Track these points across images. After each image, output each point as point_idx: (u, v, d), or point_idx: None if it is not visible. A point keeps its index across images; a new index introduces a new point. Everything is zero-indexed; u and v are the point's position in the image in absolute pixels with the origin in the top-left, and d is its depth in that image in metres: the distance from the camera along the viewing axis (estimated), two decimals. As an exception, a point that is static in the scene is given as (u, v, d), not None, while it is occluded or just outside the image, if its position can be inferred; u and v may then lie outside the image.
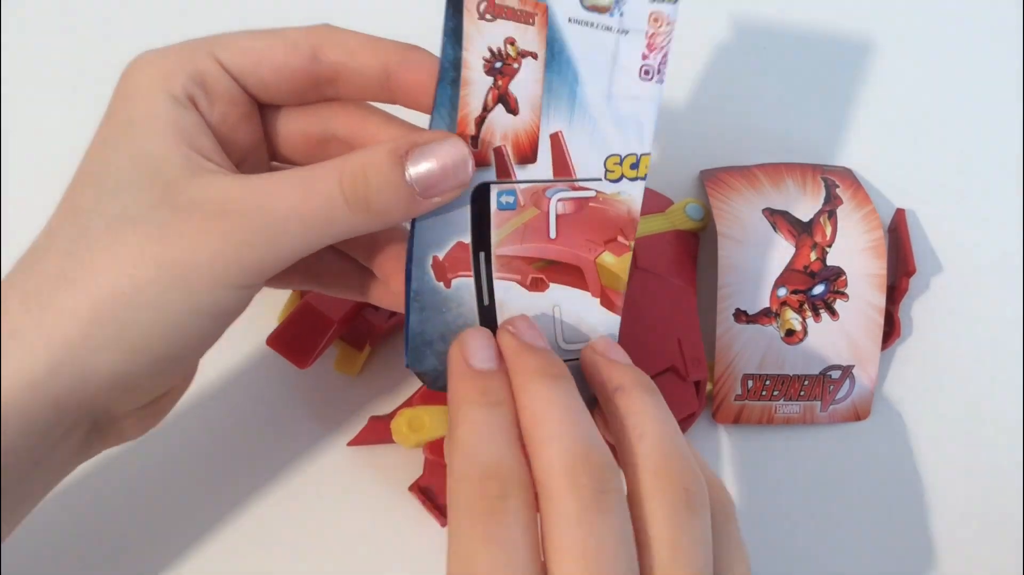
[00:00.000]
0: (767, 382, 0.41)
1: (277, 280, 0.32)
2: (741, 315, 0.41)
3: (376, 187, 0.26)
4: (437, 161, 0.26)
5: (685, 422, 0.40)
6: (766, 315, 0.42)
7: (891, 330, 0.43)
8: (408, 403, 0.38)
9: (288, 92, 0.28)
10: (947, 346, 0.45)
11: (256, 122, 0.29)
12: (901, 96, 0.52)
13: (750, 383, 0.41)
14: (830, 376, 0.42)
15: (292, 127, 0.30)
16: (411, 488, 0.38)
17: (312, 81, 0.28)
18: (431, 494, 0.38)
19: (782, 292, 0.42)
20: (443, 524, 0.38)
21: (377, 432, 0.39)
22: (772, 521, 0.40)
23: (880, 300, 0.42)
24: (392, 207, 0.26)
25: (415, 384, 0.39)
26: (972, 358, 0.45)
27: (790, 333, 0.42)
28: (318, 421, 0.40)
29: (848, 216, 0.43)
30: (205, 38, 0.27)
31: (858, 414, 0.42)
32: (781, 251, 0.42)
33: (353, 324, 0.40)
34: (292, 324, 0.38)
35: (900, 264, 0.44)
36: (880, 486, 0.41)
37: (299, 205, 0.25)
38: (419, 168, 0.26)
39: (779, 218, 0.43)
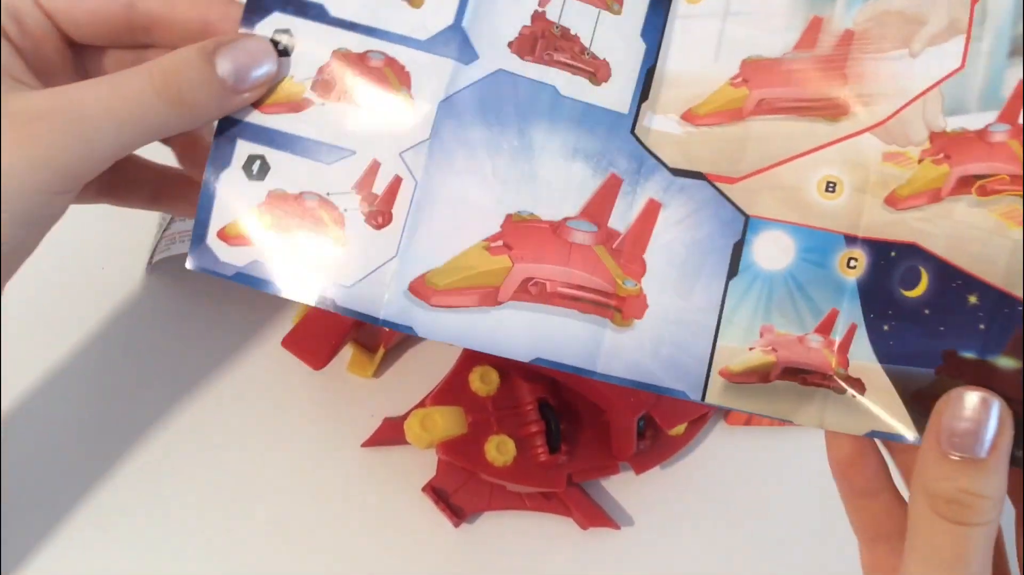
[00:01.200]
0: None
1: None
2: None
3: (188, 80, 0.27)
4: (244, 53, 0.27)
5: (696, 424, 0.40)
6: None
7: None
8: (421, 404, 0.39)
9: (102, 35, 0.29)
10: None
11: (68, 59, 0.30)
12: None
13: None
14: (843, 377, 0.42)
15: (107, 66, 0.31)
16: (425, 488, 0.38)
17: (127, 27, 0.29)
18: (444, 494, 0.38)
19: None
20: (456, 524, 0.38)
21: (391, 433, 0.39)
22: (785, 521, 0.40)
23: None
24: (204, 100, 0.27)
25: (428, 385, 0.40)
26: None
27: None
28: (332, 422, 0.40)
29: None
30: None
31: (871, 416, 0.42)
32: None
33: (367, 326, 0.40)
34: (307, 326, 0.39)
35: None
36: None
37: (110, 103, 0.26)
38: (227, 60, 0.27)
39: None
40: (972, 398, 0.24)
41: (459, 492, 0.38)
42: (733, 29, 0.28)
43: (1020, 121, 0.27)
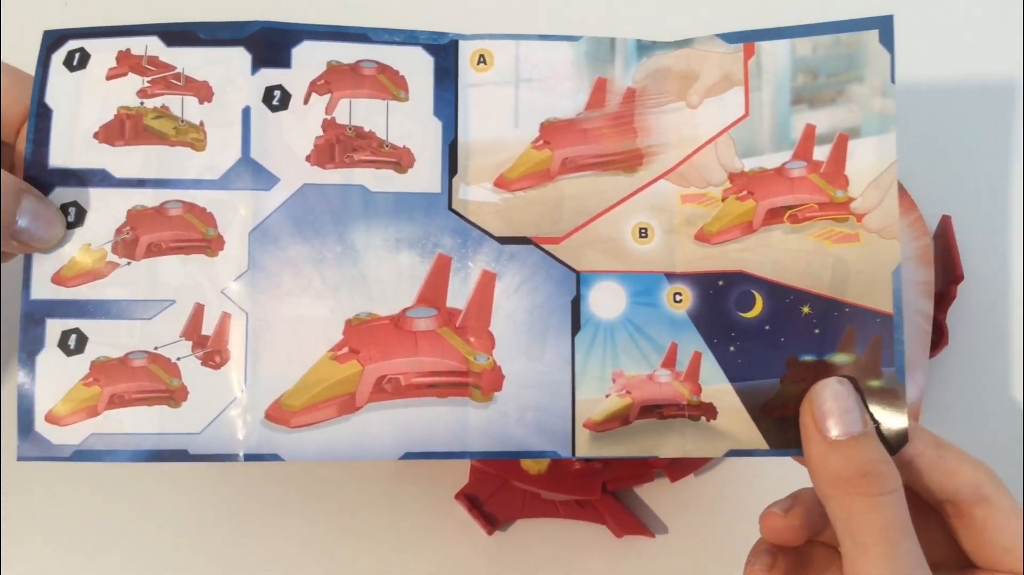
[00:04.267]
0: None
1: None
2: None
3: None
4: (46, 212, 0.28)
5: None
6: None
7: (939, 338, 0.42)
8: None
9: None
10: (995, 353, 0.44)
11: None
12: (945, 102, 0.52)
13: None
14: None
15: None
16: (457, 496, 0.38)
17: None
18: (477, 502, 0.38)
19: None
20: (489, 532, 0.38)
21: (423, 440, 0.39)
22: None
23: (928, 307, 0.41)
24: None
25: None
26: (1020, 364, 0.44)
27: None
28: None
29: (893, 223, 0.43)
30: None
31: (906, 422, 0.42)
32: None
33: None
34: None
35: (947, 271, 0.43)
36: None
37: None
38: (30, 208, 0.27)
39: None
40: (834, 384, 0.27)
41: (492, 499, 0.38)
42: (527, 95, 0.30)
43: (815, 158, 0.29)
